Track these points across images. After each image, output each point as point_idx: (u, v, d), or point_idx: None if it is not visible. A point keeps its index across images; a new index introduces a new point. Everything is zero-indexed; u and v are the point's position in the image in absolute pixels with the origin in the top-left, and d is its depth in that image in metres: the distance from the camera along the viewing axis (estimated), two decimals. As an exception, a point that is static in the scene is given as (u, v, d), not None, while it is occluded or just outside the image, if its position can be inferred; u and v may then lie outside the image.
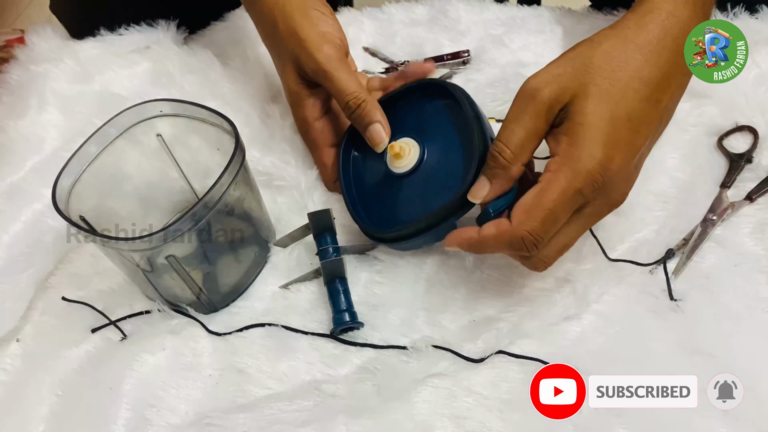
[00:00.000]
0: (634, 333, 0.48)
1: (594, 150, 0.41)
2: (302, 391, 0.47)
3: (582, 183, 0.41)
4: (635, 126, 0.42)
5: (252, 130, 0.62)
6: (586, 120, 0.41)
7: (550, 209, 0.41)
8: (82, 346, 0.50)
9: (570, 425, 0.44)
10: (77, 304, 0.52)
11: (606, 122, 0.41)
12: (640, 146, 0.43)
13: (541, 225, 0.42)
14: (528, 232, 0.42)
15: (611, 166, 0.41)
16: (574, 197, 0.42)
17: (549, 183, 0.42)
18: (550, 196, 0.41)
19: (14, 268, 0.54)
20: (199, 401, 0.47)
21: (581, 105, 0.42)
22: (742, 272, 0.50)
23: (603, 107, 0.42)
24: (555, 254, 0.45)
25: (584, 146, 0.41)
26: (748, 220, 0.53)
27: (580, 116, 0.42)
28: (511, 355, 0.47)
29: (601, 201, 0.43)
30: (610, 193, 0.43)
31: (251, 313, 0.52)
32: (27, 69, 0.68)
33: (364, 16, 0.70)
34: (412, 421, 0.45)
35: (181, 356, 0.49)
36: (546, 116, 0.43)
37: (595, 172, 0.41)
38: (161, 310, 0.51)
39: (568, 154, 0.41)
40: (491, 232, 0.44)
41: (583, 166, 0.41)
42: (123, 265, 0.48)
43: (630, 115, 0.42)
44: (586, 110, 0.42)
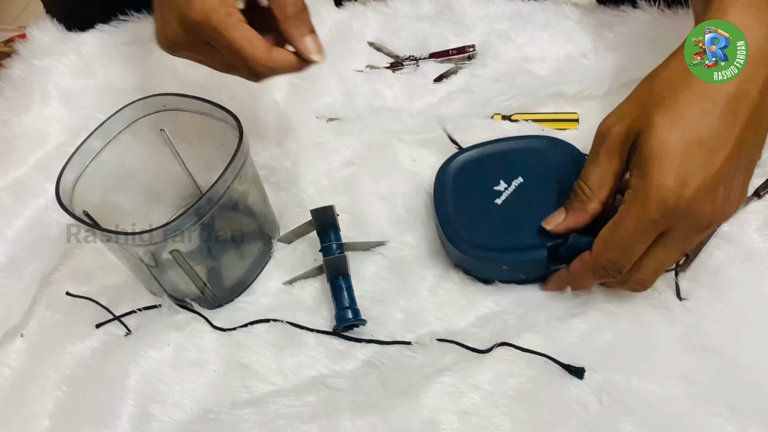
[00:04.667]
0: (640, 330, 0.47)
1: (663, 179, 0.42)
2: (307, 387, 0.47)
3: (654, 213, 0.42)
4: (709, 147, 0.42)
5: (256, 125, 0.62)
6: (653, 152, 0.42)
7: (625, 238, 0.44)
8: (87, 342, 0.50)
9: (576, 421, 0.44)
10: (81, 299, 0.52)
11: (673, 149, 0.42)
12: (718, 165, 0.42)
13: (618, 254, 0.44)
14: (607, 260, 0.45)
15: (685, 192, 0.41)
16: (649, 227, 0.43)
17: (622, 215, 0.44)
18: (624, 227, 0.43)
19: (18, 264, 0.54)
20: (204, 396, 0.47)
21: (647, 137, 0.42)
22: (749, 269, 0.50)
23: (669, 135, 0.42)
24: (650, 276, 0.46)
25: (653, 177, 0.42)
26: (755, 216, 0.52)
27: (646, 149, 0.42)
28: (517, 348, 0.46)
29: (686, 225, 0.43)
30: (695, 217, 0.42)
31: (256, 309, 0.51)
32: (29, 63, 0.68)
33: (369, 11, 0.70)
34: (418, 417, 0.44)
35: (185, 351, 0.49)
36: (619, 154, 0.45)
37: (668, 200, 0.42)
38: (166, 305, 0.51)
39: (639, 186, 0.43)
40: (576, 266, 0.47)
41: (654, 197, 0.42)
42: (127, 260, 0.48)
43: (701, 138, 0.42)
44: (651, 141, 0.42)
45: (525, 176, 0.52)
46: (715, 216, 0.43)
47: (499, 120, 0.61)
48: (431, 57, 0.67)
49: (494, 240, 0.49)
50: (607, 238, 0.45)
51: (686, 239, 0.44)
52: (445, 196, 0.52)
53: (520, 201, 0.51)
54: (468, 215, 0.51)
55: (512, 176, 0.52)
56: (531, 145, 0.54)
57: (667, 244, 0.44)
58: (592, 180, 0.46)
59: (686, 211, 0.42)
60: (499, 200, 0.51)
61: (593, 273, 0.46)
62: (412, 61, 0.67)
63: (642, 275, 0.46)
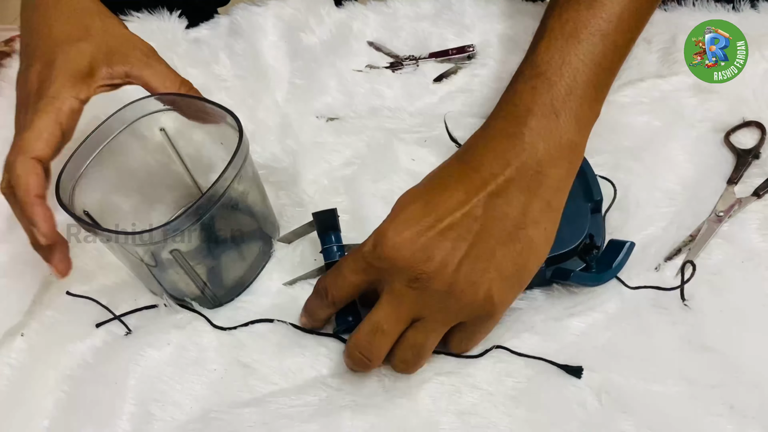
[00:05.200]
0: (640, 329, 0.47)
1: (379, 228, 0.43)
2: (308, 387, 0.47)
3: (366, 256, 0.43)
4: (432, 194, 0.44)
5: (256, 125, 0.62)
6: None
7: (341, 266, 0.45)
8: (87, 341, 0.50)
9: (576, 421, 0.44)
10: (82, 298, 0.52)
11: (396, 207, 0.44)
12: (441, 206, 0.43)
13: (331, 280, 0.45)
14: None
15: (393, 238, 0.42)
16: (362, 270, 0.43)
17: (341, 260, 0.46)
18: (340, 264, 0.46)
19: (19, 263, 0.54)
20: (204, 396, 0.47)
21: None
22: (749, 268, 0.50)
23: (400, 199, 0.45)
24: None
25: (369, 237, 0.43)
26: (755, 216, 0.52)
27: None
28: (510, 351, 0.46)
29: (397, 277, 0.42)
30: (404, 266, 0.41)
31: (256, 309, 0.51)
32: (30, 63, 0.68)
33: (369, 10, 0.70)
34: (418, 417, 0.45)
35: (186, 351, 0.49)
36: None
37: (376, 243, 0.42)
38: (166, 304, 0.51)
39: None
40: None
41: (367, 242, 0.43)
42: (127, 260, 0.48)
43: (420, 193, 0.44)
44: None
45: None
46: (438, 272, 0.41)
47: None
48: (431, 57, 0.67)
49: None
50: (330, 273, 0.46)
51: (411, 303, 0.42)
52: None
53: None
54: None
55: None
56: None
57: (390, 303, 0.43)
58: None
59: (391, 259, 0.41)
60: None
61: (315, 300, 0.48)
62: (412, 60, 0.67)
63: (360, 334, 0.44)
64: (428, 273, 0.41)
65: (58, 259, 0.47)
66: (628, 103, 0.60)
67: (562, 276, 0.48)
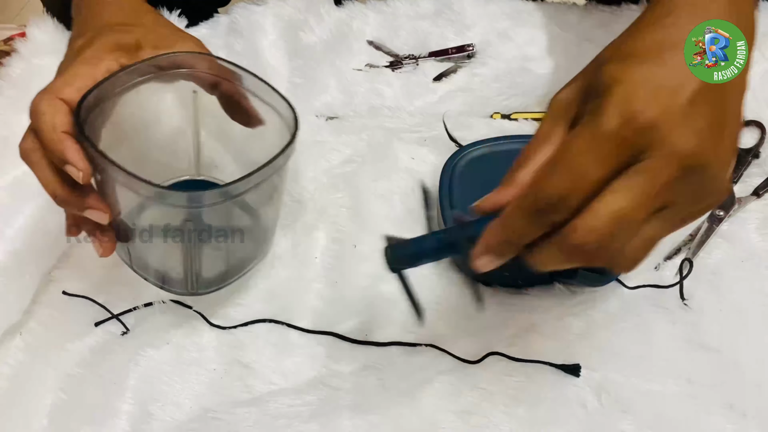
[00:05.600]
0: (639, 328, 0.47)
1: (624, 93, 0.33)
2: (307, 386, 0.47)
3: (613, 124, 0.32)
4: (676, 74, 0.34)
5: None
6: (607, 81, 0.34)
7: (574, 158, 0.32)
8: (86, 340, 0.50)
9: (576, 420, 0.44)
10: (80, 298, 0.52)
11: (633, 75, 0.33)
12: (691, 89, 0.33)
13: (563, 178, 0.33)
14: (550, 193, 0.33)
15: (651, 106, 0.32)
16: (605, 145, 0.32)
17: (569, 138, 0.34)
18: (572, 147, 0.33)
19: (18, 262, 0.54)
20: (204, 396, 0.47)
21: (599, 79, 0.34)
22: (748, 268, 0.50)
23: (627, 67, 0.34)
24: (612, 226, 0.32)
25: (611, 93, 0.33)
26: (754, 215, 0.52)
27: (600, 85, 0.34)
28: (507, 357, 0.46)
29: (661, 157, 0.32)
30: (672, 143, 0.32)
31: (255, 308, 0.51)
32: (29, 62, 0.68)
33: (369, 9, 0.70)
34: (418, 417, 0.44)
35: (184, 350, 0.49)
36: (565, 119, 0.36)
37: (630, 111, 0.32)
38: (165, 303, 0.51)
39: (593, 109, 0.33)
40: (511, 213, 0.35)
41: (612, 110, 0.32)
42: (114, 208, 0.44)
43: (664, 70, 0.34)
44: (605, 76, 0.34)
45: None
46: (702, 152, 0.33)
47: (499, 119, 0.61)
48: (431, 56, 0.67)
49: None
50: (549, 165, 0.34)
51: (658, 174, 0.32)
52: (450, 193, 0.51)
53: None
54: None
55: None
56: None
57: (635, 180, 0.32)
58: (529, 149, 0.37)
59: (655, 130, 0.32)
60: None
61: (530, 217, 0.34)
62: (412, 59, 0.66)
63: (598, 222, 0.32)
64: (701, 150, 0.32)
65: (96, 205, 0.43)
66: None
67: (566, 275, 0.48)
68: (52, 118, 0.41)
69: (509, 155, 0.52)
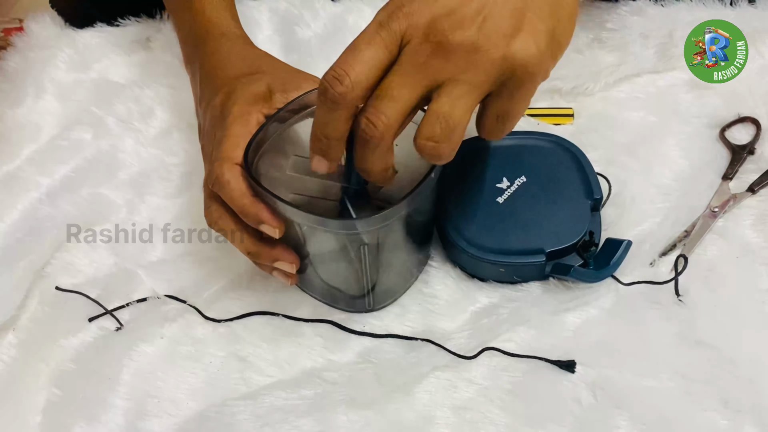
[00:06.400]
0: (634, 324, 0.48)
1: (389, 4, 0.37)
2: (303, 380, 0.47)
3: (380, 16, 0.37)
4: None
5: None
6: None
7: (352, 45, 0.38)
8: (80, 335, 0.50)
9: (571, 416, 0.44)
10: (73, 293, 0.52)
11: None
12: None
13: (341, 60, 0.38)
14: (330, 72, 0.37)
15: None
16: (376, 30, 0.37)
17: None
18: (352, 42, 0.38)
19: (10, 257, 0.53)
20: (199, 390, 0.47)
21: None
22: (743, 264, 0.50)
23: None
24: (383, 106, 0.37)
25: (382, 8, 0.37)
26: (750, 211, 0.52)
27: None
28: (502, 352, 0.46)
29: (412, 33, 0.36)
30: (416, 18, 0.36)
31: (249, 300, 0.51)
32: (25, 56, 0.67)
33: (364, 4, 0.69)
34: (413, 411, 0.44)
35: (179, 345, 0.49)
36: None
37: (387, 14, 0.36)
38: (159, 297, 0.51)
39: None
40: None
41: (378, 14, 0.37)
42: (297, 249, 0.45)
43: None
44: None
45: (528, 176, 0.51)
46: (462, 22, 0.35)
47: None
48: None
49: (492, 240, 0.48)
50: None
51: (415, 56, 0.36)
52: (446, 188, 0.51)
53: (522, 202, 0.50)
54: (468, 212, 0.50)
55: (516, 174, 0.51)
56: (538, 143, 0.53)
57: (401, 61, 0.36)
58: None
59: (405, 7, 0.36)
60: (501, 198, 0.50)
61: (325, 106, 0.37)
62: (408, 55, 0.66)
63: (381, 104, 0.37)
64: (451, 23, 0.36)
65: (285, 257, 0.46)
66: (624, 99, 0.60)
67: (562, 271, 0.48)
68: (239, 185, 0.43)
69: (502, 150, 0.53)
